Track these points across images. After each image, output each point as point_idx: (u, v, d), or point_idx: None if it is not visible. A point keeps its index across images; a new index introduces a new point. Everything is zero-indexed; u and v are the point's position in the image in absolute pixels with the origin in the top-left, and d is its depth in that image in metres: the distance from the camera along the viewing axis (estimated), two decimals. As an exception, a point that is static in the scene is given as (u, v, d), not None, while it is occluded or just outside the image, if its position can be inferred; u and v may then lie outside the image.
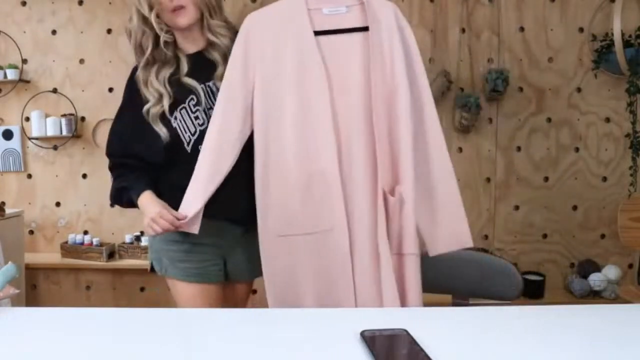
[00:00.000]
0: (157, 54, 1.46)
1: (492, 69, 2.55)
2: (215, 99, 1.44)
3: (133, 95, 1.49)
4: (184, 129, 1.46)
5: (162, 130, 1.44)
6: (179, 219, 1.38)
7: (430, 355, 0.80)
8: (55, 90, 2.72)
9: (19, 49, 2.68)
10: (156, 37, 1.44)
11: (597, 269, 2.61)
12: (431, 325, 0.94)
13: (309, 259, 1.40)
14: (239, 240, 1.52)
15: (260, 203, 1.40)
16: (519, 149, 2.66)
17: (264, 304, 1.51)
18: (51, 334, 0.92)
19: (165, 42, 1.45)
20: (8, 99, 2.72)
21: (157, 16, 1.42)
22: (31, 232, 2.80)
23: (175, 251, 1.52)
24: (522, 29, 2.60)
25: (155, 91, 1.45)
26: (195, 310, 1.23)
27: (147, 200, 1.45)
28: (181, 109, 1.45)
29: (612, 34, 2.38)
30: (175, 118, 1.45)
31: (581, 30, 2.59)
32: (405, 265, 1.40)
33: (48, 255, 2.77)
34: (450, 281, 1.55)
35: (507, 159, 2.67)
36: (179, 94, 1.45)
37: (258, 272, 1.53)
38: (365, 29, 1.35)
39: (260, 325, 0.95)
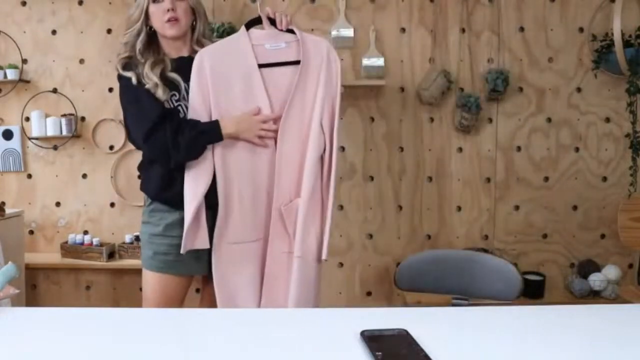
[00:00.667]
0: (147, 54, 1.60)
1: (492, 69, 2.55)
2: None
3: (133, 85, 1.58)
4: None
5: (166, 97, 1.58)
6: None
7: (430, 355, 0.80)
8: (55, 90, 2.72)
9: (19, 49, 2.68)
10: (148, 40, 1.61)
11: (597, 269, 2.61)
12: (431, 325, 0.94)
13: (246, 266, 1.62)
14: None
15: (223, 212, 1.58)
16: (519, 149, 2.66)
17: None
18: (51, 334, 0.92)
19: (155, 45, 1.63)
20: (8, 99, 2.72)
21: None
22: (31, 232, 2.80)
23: (158, 244, 1.64)
24: (522, 29, 2.60)
25: (151, 81, 1.56)
26: (195, 310, 1.23)
27: (228, 119, 1.56)
28: (164, 102, 1.58)
29: (612, 34, 2.38)
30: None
31: (581, 30, 2.59)
32: (294, 266, 1.60)
33: (48, 255, 2.77)
34: (450, 281, 1.55)
35: (507, 159, 2.67)
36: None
37: None
38: (298, 62, 1.58)
39: (260, 325, 0.95)
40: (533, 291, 2.55)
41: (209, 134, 1.55)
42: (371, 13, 2.61)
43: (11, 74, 2.63)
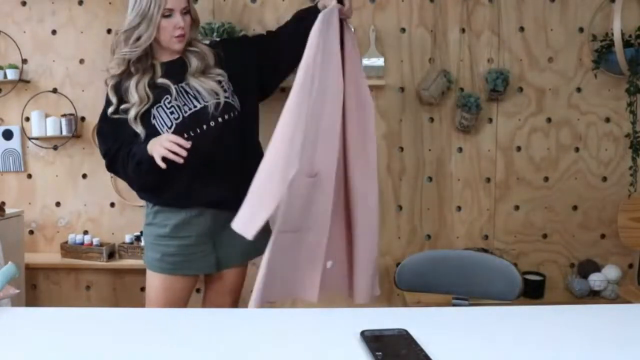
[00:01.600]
0: (138, 65, 1.64)
1: (492, 69, 2.55)
2: (188, 98, 1.63)
3: (111, 101, 1.67)
4: (162, 124, 1.62)
5: (138, 129, 1.61)
6: (184, 142, 1.52)
7: (430, 355, 0.80)
8: (55, 90, 2.72)
9: (19, 49, 2.68)
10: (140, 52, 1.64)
11: (597, 269, 2.61)
12: (431, 325, 0.95)
13: (298, 255, 1.55)
14: (225, 225, 1.59)
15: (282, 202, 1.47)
16: (519, 149, 2.66)
17: (264, 304, 1.53)
18: (51, 334, 0.92)
19: (146, 54, 1.65)
20: (8, 99, 2.72)
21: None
22: (31, 232, 2.80)
23: (166, 246, 1.61)
24: (522, 29, 2.60)
25: (136, 96, 1.61)
26: (195, 310, 1.23)
27: (151, 141, 1.57)
28: (158, 107, 1.62)
29: (612, 34, 2.38)
30: (154, 116, 1.62)
31: (581, 30, 2.59)
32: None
33: (48, 255, 2.77)
34: (450, 281, 1.55)
35: (507, 159, 2.67)
36: (156, 95, 1.62)
37: (251, 256, 1.71)
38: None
39: (260, 325, 0.95)
40: (533, 291, 2.55)
41: (143, 161, 1.57)
42: (371, 13, 2.61)
43: (11, 74, 2.63)
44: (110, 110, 1.65)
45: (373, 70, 2.59)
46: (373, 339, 0.86)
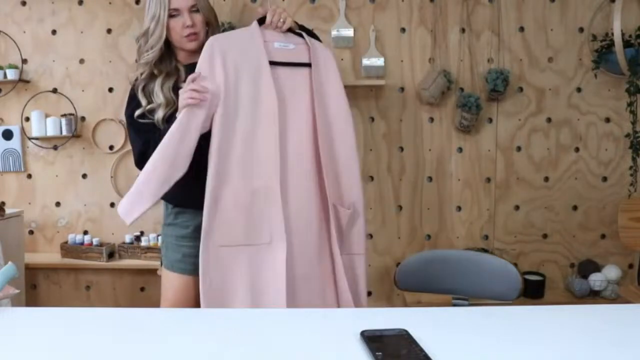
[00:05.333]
0: (161, 67, 1.61)
1: (492, 69, 2.55)
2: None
3: (140, 103, 1.63)
4: None
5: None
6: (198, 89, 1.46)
7: (430, 355, 0.80)
8: (55, 90, 2.72)
9: (19, 49, 2.68)
10: (161, 52, 1.60)
11: (597, 269, 2.61)
12: (431, 325, 0.94)
13: (247, 271, 1.52)
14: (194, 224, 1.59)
15: (208, 213, 1.49)
16: (519, 149, 2.66)
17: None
18: (51, 334, 0.92)
19: (169, 57, 1.63)
20: (8, 99, 2.72)
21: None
22: (31, 232, 2.80)
23: (188, 247, 1.63)
24: (522, 29, 2.61)
25: (161, 97, 1.58)
26: (194, 310, 1.23)
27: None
28: (161, 121, 1.58)
29: (612, 34, 2.38)
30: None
31: (581, 30, 2.59)
32: (356, 264, 1.62)
33: (48, 255, 2.77)
34: (450, 281, 1.55)
35: (507, 159, 2.67)
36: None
37: None
38: (308, 65, 1.58)
39: (261, 325, 0.95)
40: (533, 291, 2.55)
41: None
42: (371, 13, 2.61)
43: (11, 74, 2.63)
44: (139, 112, 1.61)
45: (373, 70, 2.59)
46: (373, 339, 0.86)
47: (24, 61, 2.70)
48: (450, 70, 2.59)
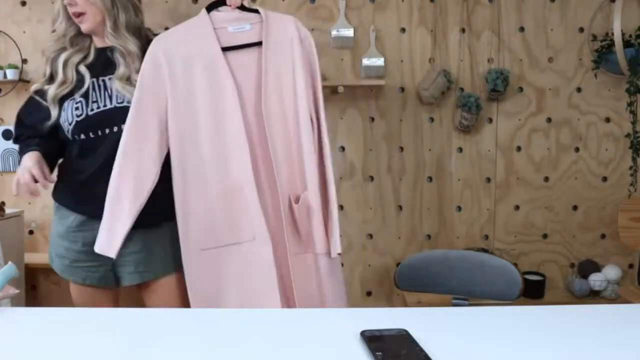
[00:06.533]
0: (76, 40, 1.52)
1: (492, 69, 2.55)
2: (102, 95, 1.47)
3: (31, 96, 1.56)
4: (66, 117, 1.48)
5: (54, 111, 1.48)
6: (42, 180, 1.39)
7: (430, 355, 0.80)
8: (55, 90, 2.72)
9: (19, 49, 2.68)
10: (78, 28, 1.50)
11: (597, 269, 2.61)
12: (431, 325, 0.94)
13: (234, 271, 1.44)
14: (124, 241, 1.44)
15: (181, 219, 1.43)
16: (519, 149, 2.66)
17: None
18: (51, 334, 0.92)
19: (89, 35, 1.52)
20: (8, 99, 2.72)
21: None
22: (31, 232, 2.80)
23: (73, 251, 1.54)
24: (522, 29, 2.60)
25: (61, 74, 1.49)
26: (194, 310, 1.23)
27: (27, 156, 1.45)
28: (70, 99, 1.49)
29: (612, 34, 2.38)
30: (64, 108, 1.48)
31: (581, 30, 2.59)
32: (320, 265, 1.49)
33: (48, 256, 2.77)
34: (450, 281, 1.55)
35: (507, 159, 2.67)
36: (76, 83, 1.49)
37: (156, 273, 1.53)
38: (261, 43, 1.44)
39: (260, 325, 0.95)
40: (533, 291, 2.55)
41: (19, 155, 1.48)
42: (371, 13, 2.61)
43: (11, 74, 2.62)
44: (37, 86, 1.53)
45: (373, 70, 2.59)
46: (373, 339, 0.86)
47: (24, 61, 2.70)
48: (450, 70, 2.59)
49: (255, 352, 0.84)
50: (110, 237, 1.39)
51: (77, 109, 1.47)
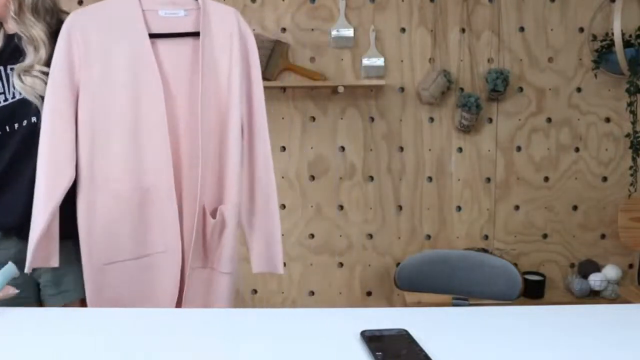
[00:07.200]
0: None
1: (492, 69, 2.55)
2: (8, 86, 1.30)
3: None
4: None
5: None
6: None
7: (430, 355, 0.80)
8: (55, 90, 2.72)
9: (19, 49, 2.68)
10: None
11: (597, 269, 2.61)
12: (431, 325, 0.95)
13: (137, 285, 1.29)
14: (16, 256, 1.26)
15: (84, 228, 1.25)
16: (519, 149, 2.66)
17: (264, 304, 1.51)
18: (51, 334, 0.92)
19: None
20: (8, 99, 2.72)
21: None
22: None
23: None
24: (522, 29, 2.61)
25: None
26: (194, 310, 1.23)
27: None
28: None
29: (612, 34, 2.38)
30: None
31: (581, 30, 2.59)
32: (220, 282, 1.35)
33: None
34: (450, 281, 1.55)
35: (507, 159, 2.67)
36: None
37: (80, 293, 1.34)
38: (198, 34, 1.28)
39: (260, 325, 0.95)
40: (533, 291, 2.55)
41: None
42: (371, 13, 2.61)
43: (11, 74, 2.62)
44: None
45: (373, 70, 2.59)
46: (373, 339, 0.86)
47: (24, 61, 2.70)
48: (450, 70, 2.59)
49: (255, 352, 0.84)
50: (33, 254, 1.21)
51: None
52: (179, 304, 1.33)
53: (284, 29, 2.55)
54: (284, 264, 2.73)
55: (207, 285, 1.36)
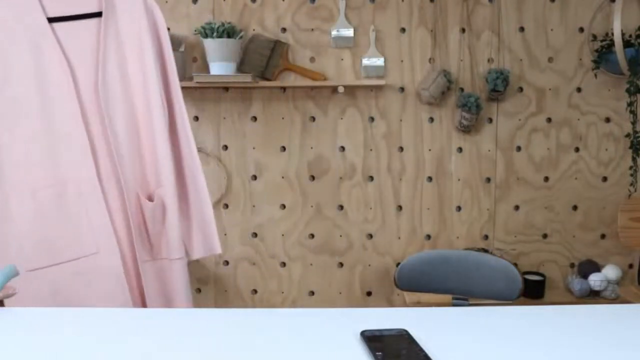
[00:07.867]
0: None
1: (492, 69, 2.55)
2: None
3: None
4: None
5: None
6: None
7: (430, 355, 0.80)
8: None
9: (19, 49, 2.67)
10: None
11: (597, 269, 2.61)
12: (431, 325, 0.94)
13: (74, 292, 1.19)
14: None
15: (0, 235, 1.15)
16: (519, 149, 2.66)
17: (264, 304, 1.51)
18: (51, 334, 0.92)
19: None
20: None
21: None
22: None
23: None
24: (522, 29, 2.61)
25: None
26: (194, 310, 1.23)
27: None
28: None
29: (612, 34, 2.38)
30: None
31: (581, 30, 2.59)
32: (173, 269, 1.30)
33: None
34: (450, 281, 1.55)
35: (507, 159, 2.67)
36: None
37: None
38: (100, 14, 1.20)
39: (260, 325, 0.95)
40: (533, 291, 2.55)
41: None
42: (371, 13, 2.61)
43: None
44: None
45: (373, 70, 2.59)
46: (373, 339, 0.86)
47: (24, 61, 2.70)
48: (450, 70, 2.59)
49: (255, 352, 0.84)
50: None
51: None
52: (143, 303, 1.27)
53: (284, 29, 2.55)
54: (284, 264, 2.74)
55: (162, 277, 1.30)
